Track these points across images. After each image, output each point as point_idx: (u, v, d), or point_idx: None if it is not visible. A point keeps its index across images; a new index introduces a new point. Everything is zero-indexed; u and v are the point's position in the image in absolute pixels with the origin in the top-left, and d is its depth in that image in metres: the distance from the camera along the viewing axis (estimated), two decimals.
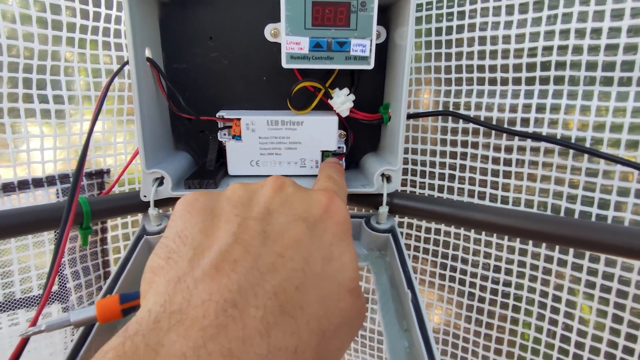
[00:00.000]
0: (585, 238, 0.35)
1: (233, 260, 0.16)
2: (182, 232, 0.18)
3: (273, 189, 0.22)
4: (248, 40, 0.42)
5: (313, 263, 0.18)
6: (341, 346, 0.18)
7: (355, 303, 0.19)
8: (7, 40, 0.40)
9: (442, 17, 0.46)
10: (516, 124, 0.44)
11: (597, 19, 0.37)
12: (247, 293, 0.15)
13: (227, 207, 0.20)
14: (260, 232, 0.18)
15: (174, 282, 0.16)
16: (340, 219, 0.21)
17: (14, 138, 0.43)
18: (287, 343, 0.15)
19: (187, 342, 0.13)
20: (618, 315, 0.42)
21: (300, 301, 0.16)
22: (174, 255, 0.17)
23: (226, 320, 0.14)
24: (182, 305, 0.14)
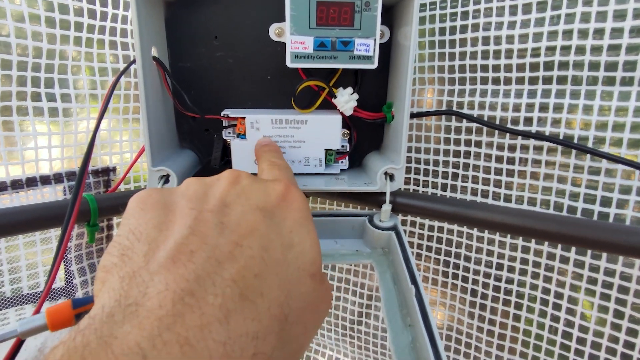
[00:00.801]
0: (586, 237, 0.35)
1: (189, 251, 0.16)
2: (136, 228, 0.18)
3: (228, 182, 0.21)
4: (253, 39, 0.43)
5: (272, 250, 0.18)
6: (305, 331, 0.18)
7: (318, 287, 0.19)
8: (17, 40, 0.41)
9: (446, 17, 0.46)
10: (519, 123, 0.45)
11: (600, 19, 0.37)
12: (204, 281, 0.15)
13: (181, 202, 0.20)
14: (217, 223, 0.18)
15: (128, 277, 0.15)
16: (298, 206, 0.21)
17: (22, 136, 0.44)
18: (248, 329, 0.15)
19: (141, 333, 0.13)
20: (619, 310, 0.43)
21: (260, 288, 0.16)
22: (128, 251, 0.17)
23: (183, 309, 0.14)
24: (138, 297, 0.14)
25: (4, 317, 0.49)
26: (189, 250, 0.16)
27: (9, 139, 0.43)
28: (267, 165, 0.29)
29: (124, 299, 0.14)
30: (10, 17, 0.40)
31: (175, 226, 0.18)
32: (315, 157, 0.42)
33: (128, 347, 0.12)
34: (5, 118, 0.43)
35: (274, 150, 0.34)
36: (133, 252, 0.17)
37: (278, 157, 0.31)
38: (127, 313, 0.13)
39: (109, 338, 0.13)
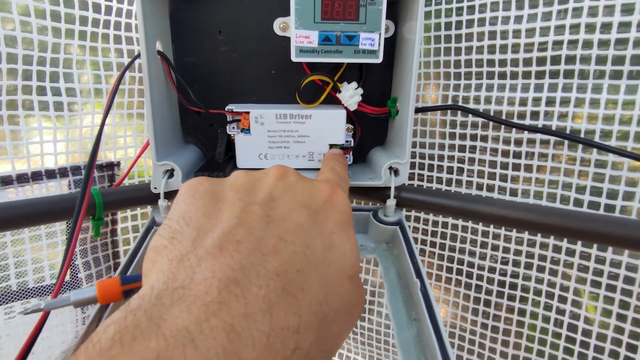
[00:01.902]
0: (592, 230, 0.35)
1: (236, 241, 0.16)
2: (186, 214, 0.19)
3: (276, 177, 0.22)
4: (257, 34, 0.42)
5: (314, 248, 0.18)
6: (340, 332, 0.19)
7: (355, 290, 0.20)
8: (23, 33, 0.41)
9: (452, 12, 0.46)
10: (526, 117, 0.45)
11: (607, 13, 0.37)
12: (249, 272, 0.15)
13: (230, 193, 0.20)
14: (263, 216, 0.18)
15: (177, 261, 0.16)
16: (342, 209, 0.21)
17: (27, 130, 0.44)
18: (289, 322, 0.15)
19: (189, 317, 0.13)
20: (625, 301, 0.43)
21: (301, 283, 0.16)
22: (177, 235, 0.18)
23: (229, 297, 0.14)
24: (185, 282, 0.15)
25: (10, 310, 0.49)
26: (235, 240, 0.17)
27: (13, 133, 0.43)
28: (327, 170, 0.30)
29: (171, 281, 0.15)
30: (15, 10, 0.40)
31: (224, 215, 0.18)
32: (319, 152, 0.42)
33: (177, 329, 0.13)
34: (11, 112, 0.43)
35: (340, 161, 0.34)
36: (182, 237, 0.17)
37: (340, 167, 0.32)
38: (174, 297, 0.14)
39: (158, 320, 0.13)
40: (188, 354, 0.12)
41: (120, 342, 0.12)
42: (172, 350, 0.12)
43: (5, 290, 0.49)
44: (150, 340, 0.12)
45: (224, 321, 0.13)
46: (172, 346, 0.12)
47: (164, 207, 0.40)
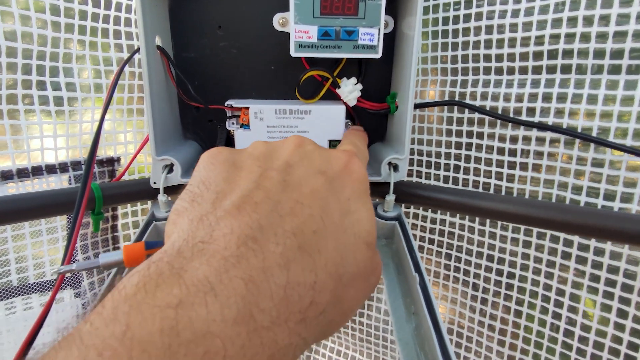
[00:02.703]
0: (590, 224, 0.35)
1: (254, 203, 0.17)
2: (206, 179, 0.19)
3: (294, 145, 0.22)
4: (257, 29, 0.42)
5: (330, 213, 0.18)
6: (356, 296, 0.19)
7: (372, 257, 0.20)
8: (23, 27, 0.40)
9: (449, 7, 0.45)
10: (522, 113, 0.44)
11: (605, 5, 0.36)
12: (267, 231, 0.16)
13: (248, 160, 0.20)
14: (280, 181, 0.19)
15: (197, 220, 0.16)
16: (358, 177, 0.21)
17: (28, 124, 0.43)
18: (306, 278, 0.15)
19: (209, 269, 0.14)
20: (623, 309, 0.42)
21: (317, 245, 0.17)
22: (197, 198, 0.18)
23: (247, 252, 0.14)
24: (205, 238, 0.15)
25: (11, 305, 0.49)
26: (253, 202, 0.17)
27: (13, 127, 0.43)
28: (346, 142, 0.30)
29: (191, 238, 0.15)
30: (15, 5, 0.39)
31: (242, 180, 0.19)
32: None
33: (198, 279, 0.13)
34: (11, 106, 0.42)
35: (360, 137, 0.34)
36: (202, 199, 0.18)
37: (360, 141, 0.32)
38: (195, 251, 0.14)
39: (180, 270, 0.14)
40: (209, 301, 0.13)
41: (145, 288, 0.13)
42: (193, 297, 0.13)
43: (6, 285, 0.48)
44: (172, 287, 0.13)
45: (243, 273, 0.14)
46: (193, 293, 0.13)
47: (163, 202, 0.39)
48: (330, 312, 0.17)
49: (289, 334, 0.14)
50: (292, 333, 0.15)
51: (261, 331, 0.13)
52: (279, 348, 0.14)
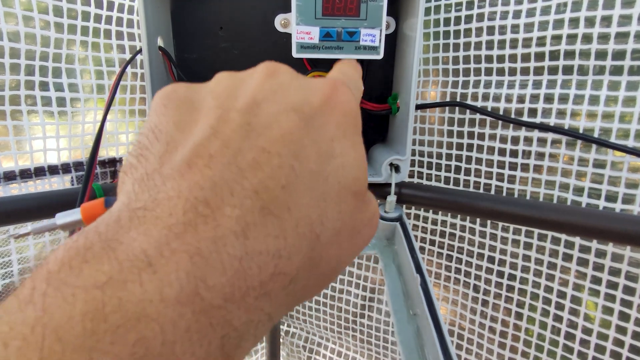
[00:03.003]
0: (591, 226, 0.34)
1: (208, 156, 0.14)
2: (157, 126, 0.16)
3: (264, 75, 0.17)
4: (258, 30, 0.42)
5: (306, 160, 0.15)
6: (340, 254, 0.16)
7: (361, 208, 0.17)
8: (26, 28, 0.40)
9: (451, 8, 0.45)
10: (523, 114, 0.43)
11: (607, 6, 0.36)
12: (221, 190, 0.13)
13: (208, 99, 0.17)
14: (242, 124, 0.15)
15: (140, 180, 0.14)
16: (345, 110, 0.17)
17: (30, 125, 0.43)
18: (269, 246, 0.13)
19: (148, 240, 0.12)
20: (625, 312, 0.41)
21: (287, 201, 0.14)
22: (145, 152, 0.15)
23: (196, 218, 0.12)
24: (147, 203, 0.13)
25: None
26: (207, 154, 0.14)
27: (16, 128, 0.43)
28: (334, 71, 0.25)
29: (133, 202, 0.13)
30: (18, 6, 0.39)
31: (197, 126, 0.15)
32: None
33: (133, 253, 0.11)
34: (14, 107, 0.42)
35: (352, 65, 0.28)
36: (149, 153, 0.15)
37: (352, 69, 0.25)
38: (134, 218, 0.12)
39: (113, 242, 0.12)
40: (144, 278, 0.11)
41: (69, 264, 0.11)
42: (126, 274, 0.11)
43: (8, 287, 0.48)
44: (102, 264, 0.11)
45: (189, 244, 0.12)
46: (126, 270, 0.11)
47: None
48: (303, 279, 0.15)
49: (247, 311, 0.12)
50: (252, 310, 0.13)
51: (210, 311, 0.12)
52: (235, 327, 0.12)
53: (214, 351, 0.12)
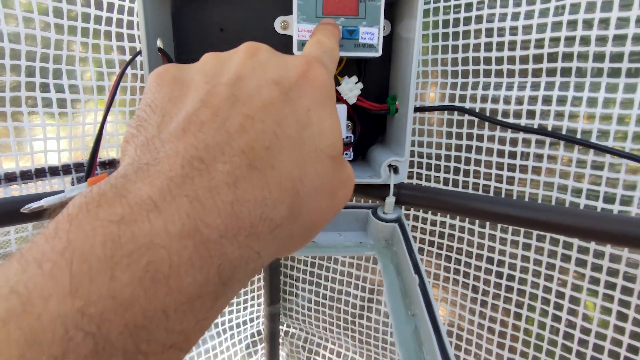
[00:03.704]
0: (588, 227, 0.34)
1: (200, 122, 0.16)
2: (152, 102, 0.18)
3: (246, 55, 0.20)
4: (258, 32, 0.42)
5: (286, 126, 0.17)
6: (319, 209, 0.19)
7: (337, 170, 0.19)
8: (26, 29, 0.40)
9: (450, 9, 0.45)
10: (522, 116, 0.43)
11: (605, 9, 0.36)
12: (213, 150, 0.15)
13: (196, 76, 0.19)
14: (229, 96, 0.17)
15: (142, 145, 0.16)
16: (319, 85, 0.20)
17: (30, 127, 0.43)
18: (256, 195, 0.15)
19: (152, 189, 0.13)
20: (623, 312, 0.41)
21: (270, 161, 0.16)
22: (143, 123, 0.17)
23: (192, 172, 0.14)
24: (149, 161, 0.15)
25: None
26: (199, 121, 0.16)
27: (16, 130, 0.43)
28: (311, 43, 0.27)
29: (136, 162, 0.15)
30: (18, 7, 0.39)
31: (188, 99, 0.17)
32: None
33: (141, 199, 0.13)
34: (14, 109, 0.42)
35: (330, 31, 0.30)
36: (148, 123, 0.17)
37: (328, 38, 0.28)
38: (139, 173, 0.14)
39: (123, 191, 0.13)
40: (152, 217, 0.13)
41: (87, 208, 0.13)
42: (136, 215, 0.13)
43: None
44: (115, 207, 0.13)
45: (188, 192, 0.14)
46: (136, 211, 0.13)
47: None
48: (288, 227, 0.17)
49: (239, 247, 0.14)
50: (243, 246, 0.14)
51: (208, 244, 0.13)
52: (229, 259, 0.14)
53: (212, 277, 0.13)
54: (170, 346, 0.13)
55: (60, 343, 0.11)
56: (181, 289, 0.13)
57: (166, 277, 0.12)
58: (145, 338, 0.12)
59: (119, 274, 0.12)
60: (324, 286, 0.69)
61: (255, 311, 0.79)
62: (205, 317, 0.14)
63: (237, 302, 0.75)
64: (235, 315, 0.76)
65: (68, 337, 0.11)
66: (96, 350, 0.11)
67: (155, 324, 0.12)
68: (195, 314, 0.13)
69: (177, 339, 0.13)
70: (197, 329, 0.14)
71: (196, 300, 0.13)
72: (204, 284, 0.13)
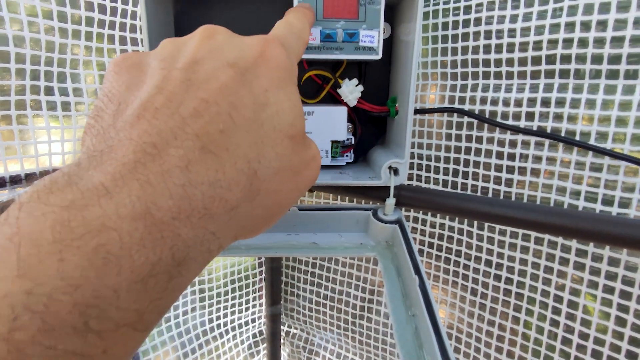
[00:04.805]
0: (587, 228, 0.34)
1: (154, 109, 0.16)
2: (110, 91, 0.18)
3: (202, 37, 0.19)
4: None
5: (242, 108, 0.17)
6: (281, 190, 0.18)
7: (298, 150, 0.19)
8: (31, 34, 0.40)
9: (449, 12, 0.45)
10: (521, 118, 0.43)
11: (603, 11, 0.36)
12: (167, 135, 0.15)
13: (153, 62, 0.18)
14: (184, 80, 0.17)
15: (97, 135, 0.16)
16: (276, 64, 0.19)
17: (35, 129, 0.43)
18: (209, 177, 0.15)
19: (105, 175, 0.13)
20: (621, 317, 0.40)
21: (225, 143, 0.16)
22: (100, 112, 0.17)
23: (144, 157, 0.14)
24: (103, 150, 0.15)
25: None
26: (153, 108, 0.16)
27: (21, 132, 0.42)
28: (279, 23, 0.25)
29: (91, 151, 0.15)
30: (23, 11, 0.39)
31: (144, 86, 0.17)
32: (321, 148, 0.40)
33: (93, 185, 0.13)
34: (19, 112, 0.42)
35: (300, 12, 0.29)
36: (104, 113, 0.17)
37: (298, 19, 0.26)
38: (92, 161, 0.14)
39: (74, 178, 0.13)
40: (103, 202, 0.13)
41: (37, 195, 0.13)
42: (87, 200, 0.13)
43: None
44: (66, 193, 0.13)
45: (139, 176, 0.14)
46: (87, 197, 0.13)
47: None
48: (246, 208, 0.17)
49: (193, 227, 0.14)
50: (197, 227, 0.15)
51: (160, 225, 0.13)
52: (182, 240, 0.14)
53: (165, 257, 0.14)
54: (123, 325, 0.13)
55: (6, 321, 0.11)
56: (133, 268, 0.13)
57: (117, 257, 0.12)
58: (96, 316, 0.12)
59: (68, 256, 0.12)
60: (324, 287, 0.69)
61: (257, 312, 0.78)
62: (160, 297, 0.14)
63: (239, 302, 0.75)
64: (237, 316, 0.75)
65: (14, 315, 0.11)
66: (44, 328, 0.11)
67: (107, 303, 0.12)
68: (148, 293, 0.13)
69: (131, 318, 0.13)
70: (152, 308, 0.14)
71: (149, 280, 0.13)
72: (156, 263, 0.13)
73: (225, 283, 0.72)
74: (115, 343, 0.13)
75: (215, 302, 0.71)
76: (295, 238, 0.42)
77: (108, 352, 0.12)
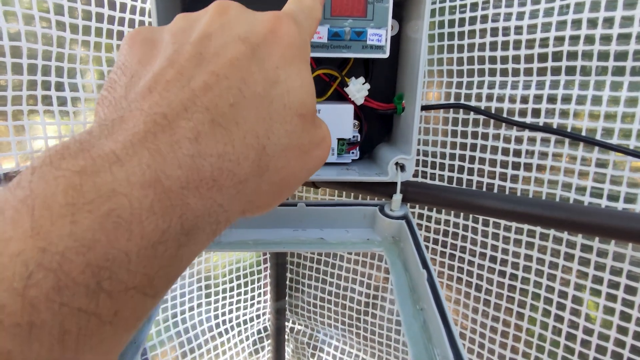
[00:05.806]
0: (592, 222, 0.34)
1: (165, 82, 0.16)
2: (124, 64, 0.18)
3: (215, 12, 0.19)
4: None
5: (253, 84, 0.17)
6: (288, 167, 0.19)
7: (308, 129, 0.19)
8: (26, 27, 0.40)
9: (455, 9, 0.45)
10: (527, 114, 0.43)
11: (609, 8, 0.36)
12: (177, 107, 0.15)
13: (166, 37, 0.19)
14: (195, 54, 0.17)
15: (109, 105, 0.16)
16: (289, 41, 0.19)
17: (31, 125, 0.43)
18: (218, 150, 0.15)
19: (115, 144, 0.14)
20: (626, 312, 0.41)
21: (235, 117, 0.16)
22: (114, 84, 0.17)
23: (155, 128, 0.14)
24: (115, 119, 0.15)
25: None
26: (164, 80, 0.16)
27: (16, 128, 0.42)
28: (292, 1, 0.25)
29: (102, 121, 0.15)
30: (18, 4, 0.39)
31: (156, 59, 0.18)
32: None
33: (104, 152, 0.13)
34: (15, 107, 0.41)
35: None
36: (117, 85, 0.17)
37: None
38: (103, 130, 0.14)
39: (86, 145, 0.14)
40: (114, 169, 0.13)
41: (50, 160, 0.13)
42: (98, 167, 0.13)
43: None
44: (78, 159, 0.13)
45: (150, 145, 0.14)
46: (98, 164, 0.13)
47: None
48: (254, 182, 0.17)
49: (201, 198, 0.15)
50: (205, 198, 0.15)
51: (170, 193, 0.14)
52: (191, 209, 0.14)
53: (174, 225, 0.14)
54: (133, 287, 0.13)
55: (21, 278, 0.11)
56: (143, 234, 0.13)
57: (128, 222, 0.13)
58: (107, 277, 0.12)
59: (80, 219, 0.12)
60: (329, 283, 0.69)
61: (262, 308, 0.79)
62: (169, 264, 0.14)
63: (244, 299, 0.75)
64: (242, 312, 0.76)
65: (29, 272, 0.11)
66: (58, 286, 0.11)
67: (117, 265, 0.12)
68: (158, 259, 0.13)
69: (141, 281, 0.13)
70: (161, 274, 0.14)
71: (158, 246, 0.13)
72: (166, 230, 0.14)
73: (230, 279, 0.72)
74: (126, 306, 0.13)
75: (221, 298, 0.72)
76: (303, 234, 0.43)
77: (119, 314, 0.13)
